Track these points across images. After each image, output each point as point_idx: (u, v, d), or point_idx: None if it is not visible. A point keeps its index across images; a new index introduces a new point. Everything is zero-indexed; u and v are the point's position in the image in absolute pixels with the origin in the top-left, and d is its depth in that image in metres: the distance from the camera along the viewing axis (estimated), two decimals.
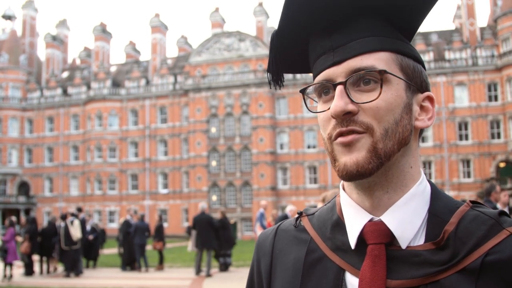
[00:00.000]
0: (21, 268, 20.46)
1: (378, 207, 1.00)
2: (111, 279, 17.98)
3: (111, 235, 58.06)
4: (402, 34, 1.05)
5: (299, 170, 61.47)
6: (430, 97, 1.05)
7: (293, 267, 1.07)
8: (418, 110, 1.02)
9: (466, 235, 0.94)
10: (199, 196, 61.86)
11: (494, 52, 58.31)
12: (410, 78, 1.01)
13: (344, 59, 0.98)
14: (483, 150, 56.51)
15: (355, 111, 0.95)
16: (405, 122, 0.98)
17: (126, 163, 67.96)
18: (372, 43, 0.98)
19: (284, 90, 61.95)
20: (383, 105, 0.95)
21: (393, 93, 0.97)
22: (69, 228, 19.08)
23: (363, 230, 0.99)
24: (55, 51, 77.70)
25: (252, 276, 1.20)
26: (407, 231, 0.97)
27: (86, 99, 70.30)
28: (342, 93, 0.95)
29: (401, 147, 0.98)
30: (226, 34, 66.02)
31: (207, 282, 16.59)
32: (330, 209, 1.11)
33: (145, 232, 20.65)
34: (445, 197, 1.03)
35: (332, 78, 0.99)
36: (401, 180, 1.00)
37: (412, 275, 0.93)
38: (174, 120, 66.69)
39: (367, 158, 0.94)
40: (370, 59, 0.97)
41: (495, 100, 57.18)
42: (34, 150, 72.65)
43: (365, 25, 1.00)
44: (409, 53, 1.02)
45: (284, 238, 1.14)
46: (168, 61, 72.58)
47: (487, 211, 0.98)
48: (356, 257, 0.99)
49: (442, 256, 0.93)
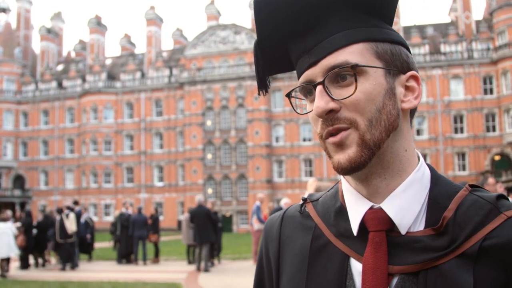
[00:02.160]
0: (17, 262, 20.41)
1: (377, 194, 1.01)
2: (107, 272, 17.96)
3: (107, 228, 58.11)
4: (378, 18, 1.04)
5: (295, 163, 61.51)
6: (414, 76, 1.04)
7: (300, 253, 1.10)
8: (403, 91, 1.02)
9: (465, 221, 0.95)
10: (194, 189, 61.84)
11: (490, 45, 58.35)
12: (389, 63, 1.00)
13: (319, 59, 0.99)
14: (478, 143, 56.63)
15: (337, 109, 0.97)
16: (389, 108, 0.98)
17: (121, 156, 67.86)
18: (344, 38, 0.99)
19: (280, 83, 61.92)
20: (362, 97, 0.96)
21: (372, 82, 0.97)
22: (64, 221, 19.06)
23: (364, 217, 1.01)
24: (50, 44, 77.41)
25: (261, 260, 1.22)
26: (406, 217, 0.98)
27: (81, 92, 70.11)
28: (322, 93, 0.97)
29: (390, 133, 0.99)
30: (222, 26, 65.85)
31: (203, 275, 16.60)
32: (333, 195, 1.13)
33: (144, 224, 20.62)
34: (445, 181, 1.04)
35: (312, 78, 1.00)
36: (397, 165, 1.01)
37: (413, 261, 0.95)
38: (170, 113, 66.59)
39: (357, 151, 0.96)
40: (343, 55, 0.97)
41: (491, 93, 57.28)
42: (29, 143, 72.47)
43: (336, 21, 1.00)
44: (385, 37, 1.02)
45: (290, 224, 1.17)
46: (163, 54, 72.39)
47: (486, 195, 1.00)
48: (359, 243, 1.02)
49: (442, 242, 0.95)
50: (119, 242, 21.35)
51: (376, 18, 1.03)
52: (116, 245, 22.36)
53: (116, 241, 22.37)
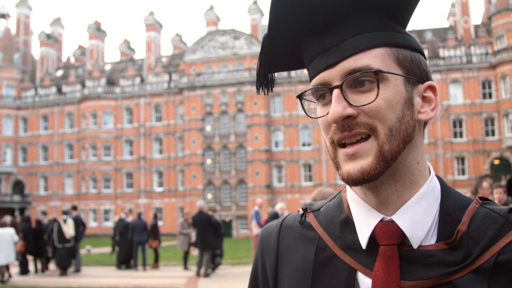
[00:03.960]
0: (16, 267, 20.41)
1: (387, 205, 0.97)
2: (107, 277, 17.96)
3: (107, 233, 58.04)
4: (397, 23, 1.00)
5: (294, 168, 61.48)
6: (432, 87, 1.00)
7: (302, 266, 1.05)
8: (420, 102, 0.99)
9: (478, 235, 0.92)
10: (194, 194, 61.81)
11: (489, 50, 58.38)
12: (409, 70, 0.97)
13: (338, 61, 0.94)
14: (477, 148, 56.63)
15: (355, 115, 0.92)
16: (407, 118, 0.94)
17: (121, 162, 67.82)
18: (365, 41, 0.94)
19: (279, 88, 61.97)
20: (383, 104, 0.92)
21: (392, 89, 0.93)
22: (62, 226, 19.08)
23: (374, 230, 0.97)
24: (49, 49, 77.45)
25: (256, 272, 1.17)
26: (419, 230, 0.95)
27: (80, 97, 70.11)
28: (339, 97, 0.92)
29: (406, 145, 0.95)
30: (221, 32, 65.90)
31: (203, 280, 16.60)
32: (337, 205, 1.09)
33: (144, 230, 20.60)
34: (455, 193, 1.02)
35: (328, 81, 0.95)
36: (409, 177, 0.97)
37: (426, 276, 0.92)
38: (169, 119, 66.58)
39: (373, 164, 0.92)
40: (365, 58, 0.93)
41: (490, 98, 57.29)
42: (29, 149, 72.44)
43: (356, 22, 0.96)
44: (406, 43, 0.98)
45: (289, 234, 1.11)
46: (163, 59, 72.44)
47: (497, 208, 0.97)
48: (367, 257, 0.97)
49: (455, 257, 0.92)
50: (119, 246, 21.32)
51: (396, 23, 1.00)
52: (114, 250, 22.33)
53: (114, 246, 22.35)
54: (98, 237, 61.45)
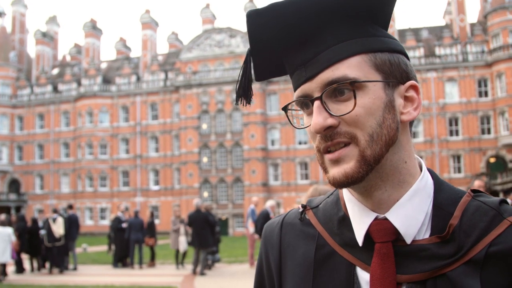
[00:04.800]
0: (12, 266, 20.37)
1: (379, 205, 1.00)
2: (103, 276, 17.94)
3: (103, 232, 57.97)
4: (376, 24, 1.01)
5: (290, 166, 61.53)
6: (413, 86, 1.01)
7: (304, 263, 1.08)
8: (402, 103, 1.00)
9: (470, 227, 0.95)
10: (190, 192, 61.81)
11: (484, 48, 58.50)
12: (388, 74, 0.97)
13: (316, 73, 0.96)
14: (473, 146, 56.74)
15: (336, 124, 0.94)
16: (388, 122, 0.96)
17: (117, 160, 67.77)
18: (341, 51, 0.95)
19: (275, 87, 62.01)
20: (362, 112, 0.93)
21: (371, 96, 0.94)
22: (51, 225, 19.08)
23: (369, 228, 1.00)
24: (45, 47, 77.34)
25: (261, 267, 1.20)
26: (412, 227, 0.97)
27: (76, 95, 70.04)
28: (320, 109, 0.94)
29: (389, 147, 0.97)
30: (217, 30, 65.90)
31: (199, 278, 16.60)
32: (334, 203, 1.11)
33: (140, 228, 20.57)
34: (448, 187, 1.04)
35: (309, 93, 0.97)
36: (397, 177, 0.99)
37: (421, 269, 0.95)
38: (165, 117, 66.55)
39: (356, 167, 0.94)
40: (341, 68, 0.94)
41: (485, 96, 57.40)
42: (25, 147, 72.32)
43: (332, 33, 0.97)
44: (383, 47, 0.99)
45: (290, 231, 1.14)
46: (158, 58, 72.39)
47: (488, 200, 1.00)
48: (365, 253, 1.01)
49: (448, 250, 0.94)
50: (115, 245, 21.30)
51: (373, 24, 1.00)
52: (110, 248, 22.32)
53: (110, 244, 22.35)
54: (95, 235, 61.37)
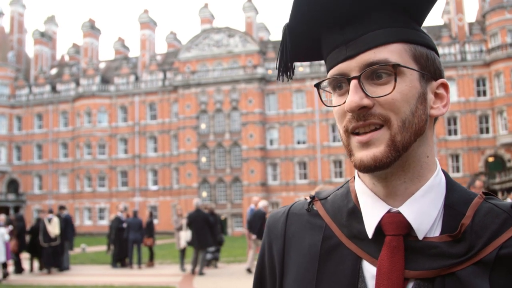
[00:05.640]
0: (11, 266, 20.36)
1: (394, 196, 1.00)
2: (102, 276, 17.93)
3: (102, 232, 57.96)
4: (414, 20, 1.03)
5: (289, 166, 61.53)
6: (444, 84, 1.05)
7: (309, 253, 1.07)
8: (432, 98, 1.03)
9: (481, 229, 0.95)
10: (189, 192, 61.80)
11: (483, 47, 58.53)
12: (424, 67, 1.01)
13: (357, 53, 0.98)
14: (472, 145, 56.79)
15: (370, 105, 0.95)
16: (420, 112, 0.98)
17: (115, 160, 67.74)
18: (384, 36, 0.98)
19: (274, 86, 62.01)
20: (398, 97, 0.95)
21: (408, 84, 0.97)
22: (46, 225, 19.12)
23: (381, 221, 1.00)
24: (43, 47, 77.26)
25: (263, 257, 1.19)
26: (425, 222, 0.98)
27: (75, 95, 69.99)
28: (357, 88, 0.96)
29: (418, 138, 0.99)
30: (216, 30, 65.87)
31: (198, 278, 16.60)
32: (344, 195, 1.11)
33: (139, 228, 20.57)
34: (460, 188, 1.05)
35: (346, 72, 0.99)
36: (418, 170, 1.01)
37: (430, 266, 0.95)
38: (164, 117, 66.53)
39: (385, 152, 0.95)
40: (383, 52, 0.96)
41: (484, 95, 57.44)
42: (23, 148, 72.26)
43: (377, 18, 0.99)
44: (422, 41, 1.02)
45: (296, 222, 1.14)
46: (157, 57, 72.35)
47: (500, 203, 1.00)
48: (373, 246, 1.01)
49: (459, 249, 0.94)
50: (114, 245, 21.30)
51: (413, 20, 1.03)
52: (109, 248, 22.31)
53: (109, 245, 22.35)
54: (93, 235, 61.35)
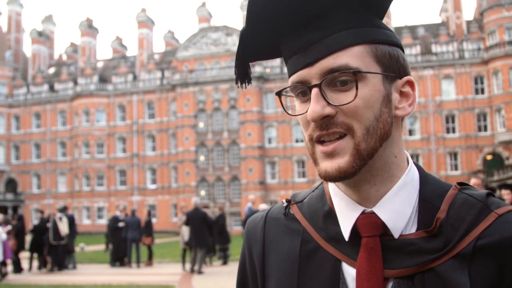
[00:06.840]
0: (9, 266, 20.34)
1: (367, 199, 0.98)
2: (100, 275, 17.93)
3: (100, 231, 57.89)
4: (375, 15, 0.99)
5: (288, 164, 61.52)
6: (409, 81, 1.00)
7: (289, 258, 1.05)
8: (398, 97, 0.99)
9: (457, 221, 0.94)
10: (187, 191, 61.77)
11: (481, 45, 58.55)
12: (387, 67, 0.96)
13: (316, 59, 0.93)
14: (470, 143, 56.83)
15: (333, 114, 0.92)
16: (385, 116, 0.95)
17: (114, 159, 67.70)
18: (344, 39, 0.93)
19: (272, 85, 61.94)
20: (361, 104, 0.91)
21: (370, 88, 0.93)
22: (57, 224, 19.15)
23: (356, 222, 0.98)
24: (41, 47, 77.15)
25: (244, 264, 1.17)
26: (399, 220, 0.96)
27: (73, 95, 69.90)
28: (318, 97, 0.92)
29: (383, 142, 0.95)
30: (213, 28, 65.82)
31: (196, 277, 16.61)
32: (319, 197, 1.09)
33: (137, 227, 20.57)
34: (434, 180, 1.02)
35: (307, 79, 0.94)
36: (386, 171, 0.98)
37: (408, 264, 0.93)
38: (162, 116, 66.49)
39: (350, 162, 0.92)
40: (344, 57, 0.92)
41: (482, 93, 57.46)
42: (21, 147, 72.19)
43: (336, 19, 0.94)
44: (385, 39, 0.97)
45: (274, 226, 1.12)
46: (155, 56, 72.30)
47: (475, 193, 0.98)
48: (350, 248, 0.99)
49: (436, 244, 0.93)
50: (112, 244, 21.31)
51: (374, 15, 0.99)
52: (108, 247, 22.31)
53: (108, 244, 22.35)
54: (92, 234, 61.31)
